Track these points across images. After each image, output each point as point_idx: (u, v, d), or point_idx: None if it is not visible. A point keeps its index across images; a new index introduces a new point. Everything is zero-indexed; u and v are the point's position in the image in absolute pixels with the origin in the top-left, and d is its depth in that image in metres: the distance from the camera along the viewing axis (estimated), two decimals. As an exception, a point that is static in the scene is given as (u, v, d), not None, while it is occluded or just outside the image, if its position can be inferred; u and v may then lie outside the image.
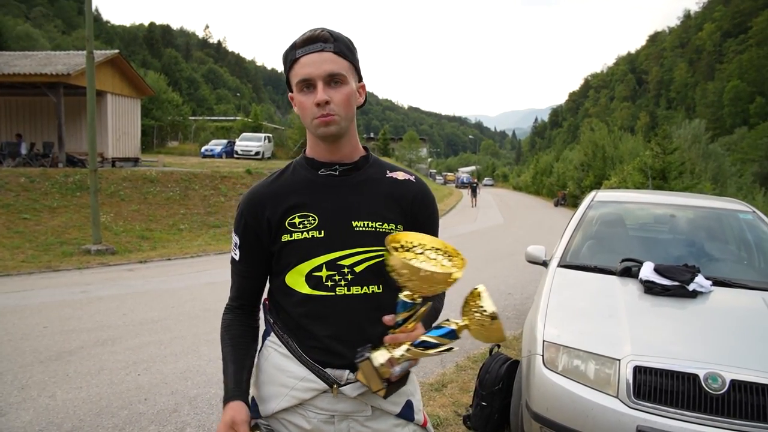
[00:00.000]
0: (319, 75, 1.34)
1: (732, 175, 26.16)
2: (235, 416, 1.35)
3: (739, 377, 2.41)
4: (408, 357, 1.28)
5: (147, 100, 30.23)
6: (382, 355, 1.28)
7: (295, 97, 1.40)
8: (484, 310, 1.24)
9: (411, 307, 1.29)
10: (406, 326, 1.30)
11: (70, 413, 3.74)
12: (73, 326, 5.77)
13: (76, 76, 16.93)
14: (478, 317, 1.24)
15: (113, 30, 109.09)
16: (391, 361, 1.27)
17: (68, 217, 13.00)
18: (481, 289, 1.27)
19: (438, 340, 1.27)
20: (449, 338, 1.28)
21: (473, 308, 1.26)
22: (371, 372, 1.27)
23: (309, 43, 1.35)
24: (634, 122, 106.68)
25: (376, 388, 1.28)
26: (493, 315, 1.23)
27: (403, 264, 1.23)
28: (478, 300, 1.25)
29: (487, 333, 1.26)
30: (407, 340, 1.28)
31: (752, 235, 4.09)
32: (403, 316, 1.30)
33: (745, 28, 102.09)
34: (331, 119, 1.36)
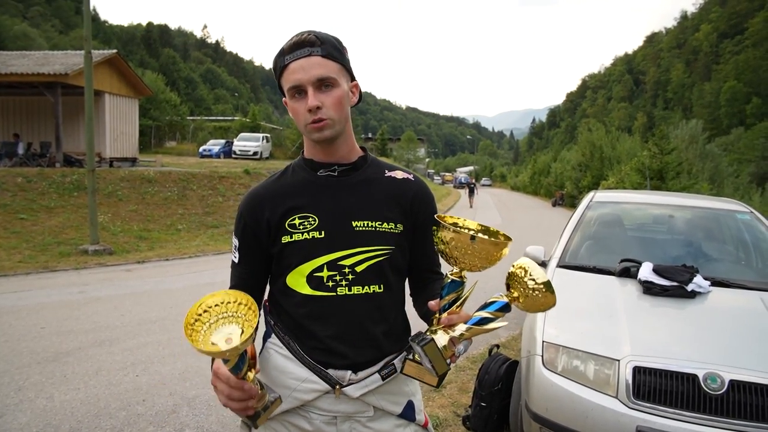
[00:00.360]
0: (309, 80, 1.34)
1: (729, 176, 26.20)
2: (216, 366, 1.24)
3: (738, 377, 2.42)
4: (467, 336, 1.27)
5: (145, 100, 30.19)
6: (443, 337, 1.26)
7: (288, 104, 1.41)
8: (536, 279, 1.24)
9: (459, 286, 1.30)
10: (454, 309, 1.30)
11: (68, 414, 3.73)
12: (70, 327, 5.75)
13: (74, 75, 16.89)
14: (533, 285, 1.24)
15: (111, 30, 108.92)
16: (453, 341, 1.26)
17: (65, 217, 12.96)
18: (527, 261, 1.28)
19: (494, 314, 1.28)
20: (503, 311, 1.29)
21: (524, 279, 1.26)
22: (437, 353, 1.24)
23: (296, 48, 1.35)
24: (632, 123, 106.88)
25: (442, 369, 1.26)
26: (546, 283, 1.23)
27: (456, 235, 1.23)
28: (528, 271, 1.26)
29: (539, 302, 1.26)
30: (460, 321, 1.27)
31: (750, 235, 4.10)
32: (451, 297, 1.30)
33: (741, 29, 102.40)
34: (324, 124, 1.36)
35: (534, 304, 1.27)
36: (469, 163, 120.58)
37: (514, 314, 5.17)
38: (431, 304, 1.30)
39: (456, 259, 1.27)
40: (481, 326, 1.27)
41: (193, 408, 3.88)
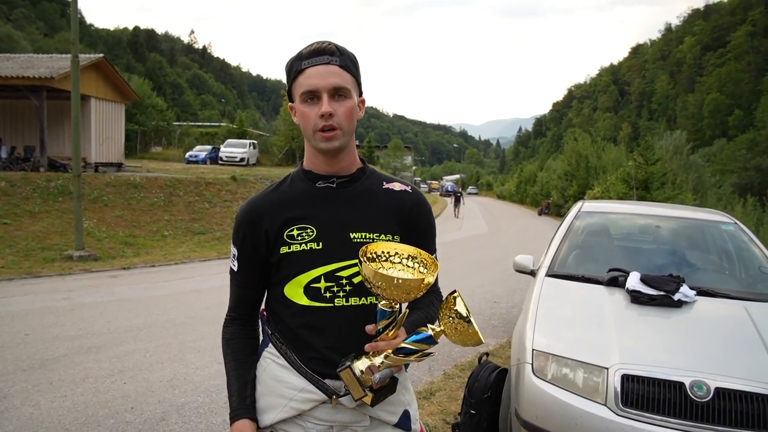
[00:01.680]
0: (325, 87, 1.36)
1: (712, 186, 26.58)
2: None
3: (724, 385, 2.46)
4: (388, 364, 1.30)
5: (131, 104, 29.93)
6: (363, 363, 1.30)
7: (297, 108, 1.41)
8: (458, 314, 1.27)
9: (390, 315, 1.32)
10: (387, 334, 1.32)
11: (54, 422, 3.69)
12: (56, 333, 5.69)
13: (60, 79, 16.75)
14: (453, 321, 1.27)
15: (97, 33, 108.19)
16: (372, 369, 1.29)
17: (50, 223, 12.81)
18: (456, 294, 1.30)
19: (416, 345, 1.30)
20: (427, 343, 1.30)
21: (448, 313, 1.29)
22: (352, 380, 1.29)
23: (316, 54, 1.37)
24: (617, 132, 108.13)
25: (357, 395, 1.30)
26: (467, 318, 1.26)
27: (375, 273, 1.25)
28: (453, 304, 1.28)
29: (463, 336, 1.29)
30: (387, 348, 1.30)
31: (734, 245, 4.19)
32: (383, 324, 1.32)
33: (723, 42, 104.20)
34: (335, 134, 1.38)
35: (459, 338, 1.30)
36: (455, 171, 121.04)
37: (501, 322, 5.23)
38: (368, 329, 1.34)
39: (381, 294, 1.29)
40: (403, 356, 1.30)
41: (182, 415, 3.86)
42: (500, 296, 8.51)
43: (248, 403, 1.44)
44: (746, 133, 66.00)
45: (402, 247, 1.38)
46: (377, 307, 1.33)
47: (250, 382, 1.47)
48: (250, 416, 1.42)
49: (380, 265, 1.33)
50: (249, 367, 1.49)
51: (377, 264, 1.32)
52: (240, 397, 1.44)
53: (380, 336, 1.33)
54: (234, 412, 1.42)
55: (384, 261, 1.34)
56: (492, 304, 7.92)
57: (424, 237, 1.53)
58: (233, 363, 1.49)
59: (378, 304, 1.32)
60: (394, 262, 1.35)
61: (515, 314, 6.55)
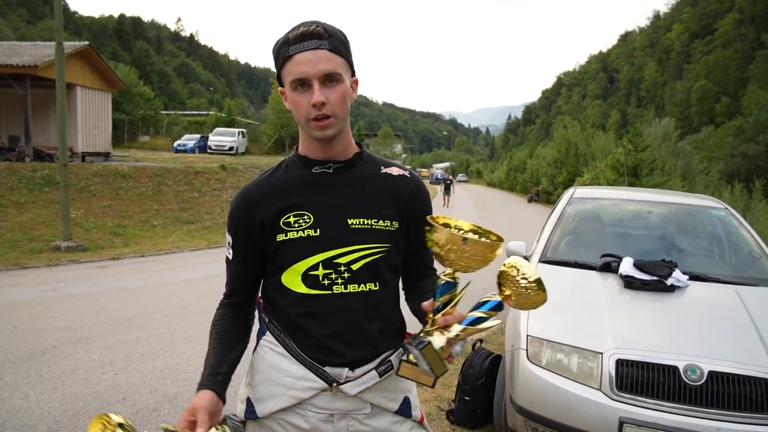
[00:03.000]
0: (315, 74, 1.30)
1: (700, 173, 26.78)
2: (197, 402, 1.27)
3: (717, 368, 2.49)
4: (462, 336, 1.28)
5: (118, 93, 29.58)
6: (441, 339, 1.26)
7: (288, 95, 1.37)
8: (528, 278, 1.26)
9: (452, 288, 1.30)
10: (448, 309, 1.30)
11: (45, 415, 3.65)
12: (44, 325, 5.63)
13: (44, 67, 16.48)
14: (524, 284, 1.26)
15: (81, 21, 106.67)
16: (450, 342, 1.27)
17: (36, 213, 12.66)
18: (518, 259, 1.29)
19: (488, 313, 1.29)
20: (496, 310, 1.30)
21: (515, 277, 1.27)
22: (435, 356, 1.25)
23: (303, 39, 1.31)
24: (606, 120, 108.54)
25: (440, 371, 1.26)
26: (538, 281, 1.25)
27: (449, 236, 1.23)
28: (519, 269, 1.27)
29: (532, 300, 1.27)
30: (455, 321, 1.27)
31: (724, 230, 4.21)
32: (444, 299, 1.30)
33: (711, 29, 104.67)
34: (329, 123, 1.33)
35: (526, 301, 1.29)
36: (445, 159, 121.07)
37: (496, 309, 5.11)
38: (425, 305, 1.29)
39: (449, 261, 1.27)
40: (475, 326, 1.28)
41: (174, 406, 3.83)
42: (491, 283, 8.49)
43: (220, 379, 1.35)
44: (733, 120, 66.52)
45: (462, 222, 1.35)
46: (438, 282, 1.30)
47: (228, 361, 1.40)
48: (216, 390, 1.32)
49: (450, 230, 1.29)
50: (230, 347, 1.43)
51: None
52: (212, 371, 1.36)
53: (443, 311, 1.30)
54: (201, 382, 1.34)
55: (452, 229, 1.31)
56: (482, 291, 7.90)
57: (422, 224, 1.51)
58: (215, 341, 1.43)
59: (441, 277, 1.30)
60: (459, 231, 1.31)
61: (507, 301, 6.56)
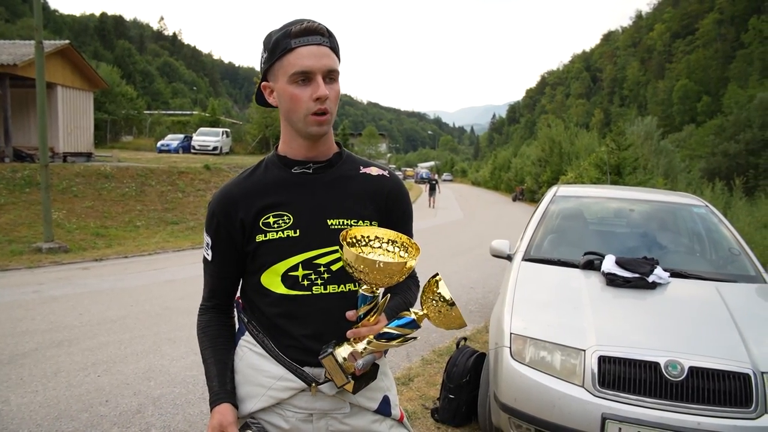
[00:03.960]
0: (320, 69, 1.32)
1: (682, 171, 27.03)
2: (223, 419, 1.34)
3: (697, 364, 2.52)
4: (371, 350, 1.29)
5: (100, 93, 29.21)
6: (345, 350, 1.29)
7: (283, 89, 1.35)
8: (442, 297, 1.27)
9: (371, 300, 1.30)
10: (368, 320, 1.31)
11: (26, 418, 3.60)
12: (25, 327, 5.55)
13: (24, 66, 16.23)
14: (436, 305, 1.27)
15: (62, 19, 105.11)
16: (354, 355, 1.28)
17: (17, 215, 12.46)
18: (438, 278, 1.30)
19: (399, 330, 1.29)
20: (410, 328, 1.30)
21: (431, 296, 1.28)
22: (335, 367, 1.27)
23: (307, 33, 1.32)
24: (589, 119, 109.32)
25: (340, 382, 1.29)
26: (450, 302, 1.26)
27: (357, 257, 1.23)
28: (436, 288, 1.28)
29: (447, 320, 1.29)
30: (369, 334, 1.29)
31: (705, 228, 4.27)
32: (365, 309, 1.31)
33: (692, 29, 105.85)
34: (326, 119, 1.35)
35: (443, 321, 1.30)
36: (430, 158, 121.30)
37: (477, 307, 5.24)
38: (348, 315, 1.32)
39: (363, 279, 1.27)
40: (386, 341, 1.29)
41: (158, 407, 3.80)
42: (476, 281, 8.57)
43: (229, 388, 1.41)
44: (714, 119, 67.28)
45: (382, 231, 1.36)
46: (358, 292, 1.31)
47: (229, 368, 1.44)
48: (231, 401, 1.38)
49: (360, 249, 1.31)
50: (227, 353, 1.46)
51: (358, 249, 1.31)
52: (221, 381, 1.40)
53: (362, 322, 1.31)
54: (215, 396, 1.39)
55: (364, 245, 1.33)
56: (468, 289, 7.97)
57: (402, 222, 1.52)
58: (211, 350, 1.45)
59: (359, 290, 1.31)
60: (374, 246, 1.34)
61: (491, 299, 6.60)
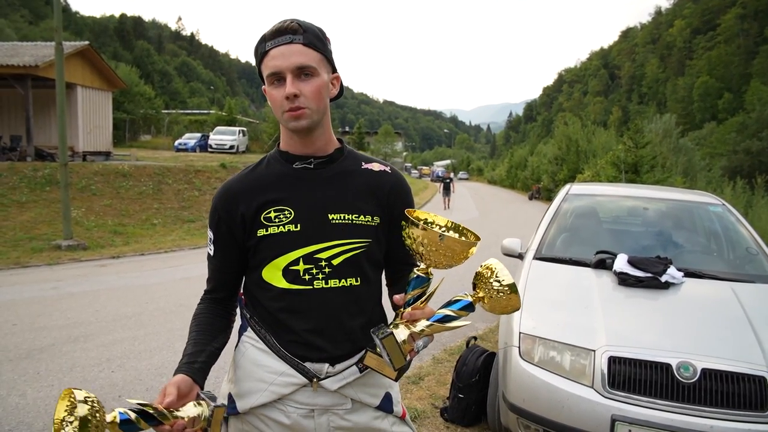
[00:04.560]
0: (288, 67, 1.32)
1: (702, 169, 26.62)
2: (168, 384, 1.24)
3: (710, 366, 2.47)
4: (428, 332, 1.28)
5: (119, 93, 29.60)
6: (404, 332, 1.27)
7: (267, 91, 1.39)
8: (502, 281, 1.27)
9: (424, 283, 1.31)
10: (418, 304, 1.31)
11: (41, 412, 3.66)
12: (43, 323, 5.64)
13: (45, 67, 16.51)
14: (497, 287, 1.27)
15: (83, 21, 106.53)
16: (413, 336, 1.27)
17: (37, 212, 12.68)
18: (495, 262, 1.30)
19: (457, 312, 1.29)
20: (466, 311, 1.30)
21: (490, 280, 1.28)
22: (395, 347, 1.24)
23: (278, 35, 1.34)
24: (607, 117, 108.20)
25: (399, 364, 1.26)
26: (511, 285, 1.26)
27: (426, 232, 1.23)
28: (494, 272, 1.28)
29: (503, 303, 1.28)
30: (423, 317, 1.29)
31: (721, 227, 4.19)
32: (416, 293, 1.31)
33: (713, 25, 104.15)
34: (302, 113, 1.34)
35: (499, 305, 1.29)
36: (446, 156, 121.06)
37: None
38: (396, 298, 1.32)
39: (423, 256, 1.28)
40: (442, 324, 1.28)
41: (170, 404, 3.83)
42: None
43: (196, 367, 1.33)
44: (736, 116, 66.21)
45: (442, 219, 1.36)
46: (411, 275, 1.31)
47: (206, 352, 1.39)
48: (190, 374, 1.29)
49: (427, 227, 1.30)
50: (210, 339, 1.42)
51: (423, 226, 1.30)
52: (189, 360, 1.34)
53: (412, 305, 1.31)
54: (177, 369, 1.31)
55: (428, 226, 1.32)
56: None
57: (403, 218, 1.51)
58: (194, 333, 1.42)
59: (414, 271, 1.31)
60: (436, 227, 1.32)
61: (505, 298, 6.55)
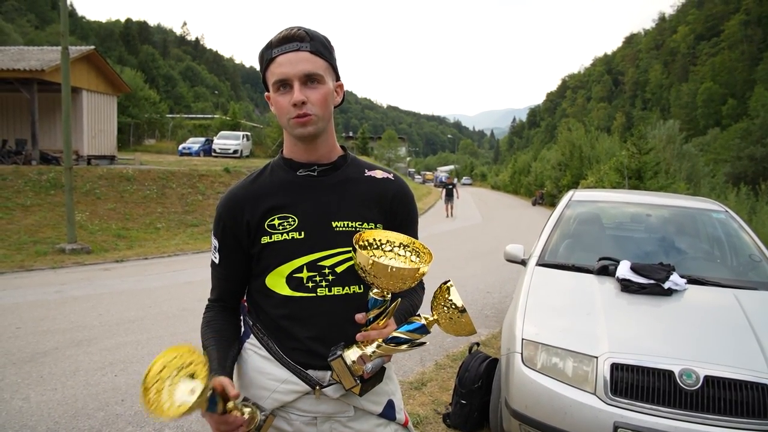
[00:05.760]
0: (296, 75, 1.33)
1: (705, 175, 26.60)
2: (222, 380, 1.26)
3: (713, 373, 2.47)
4: (380, 353, 1.29)
5: (123, 97, 29.75)
6: (354, 353, 1.28)
7: (271, 97, 1.39)
8: (453, 304, 1.26)
9: (381, 304, 1.31)
10: (378, 323, 1.31)
11: (44, 415, 3.67)
12: (47, 327, 5.66)
13: (51, 72, 16.60)
14: (447, 311, 1.27)
15: (88, 26, 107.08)
16: (363, 358, 1.28)
17: (42, 216, 12.74)
18: (450, 284, 1.29)
19: (408, 335, 1.29)
20: (419, 333, 1.30)
21: (442, 302, 1.28)
22: (344, 369, 1.27)
23: (285, 42, 1.34)
24: (611, 122, 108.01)
25: (348, 385, 1.29)
26: (461, 308, 1.25)
27: (370, 262, 1.24)
28: (447, 294, 1.28)
29: (456, 326, 1.28)
30: (379, 337, 1.30)
31: (724, 233, 4.19)
32: (374, 313, 1.31)
33: (717, 31, 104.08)
34: (308, 119, 1.35)
35: (452, 328, 1.29)
36: (449, 162, 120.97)
37: (494, 312, 5.19)
38: (358, 317, 1.32)
39: (374, 283, 1.27)
40: (394, 345, 1.29)
41: (172, 408, 3.84)
42: (493, 286, 8.52)
43: (228, 371, 1.37)
44: (740, 122, 66.10)
45: (395, 235, 1.37)
46: (369, 295, 1.31)
47: (230, 357, 1.42)
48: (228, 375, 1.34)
49: (372, 252, 1.31)
50: (229, 345, 1.45)
51: (370, 252, 1.31)
52: (220, 364, 1.36)
53: (371, 325, 1.31)
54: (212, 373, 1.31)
55: (376, 249, 1.33)
56: (485, 294, 7.92)
57: (407, 224, 1.52)
58: (213, 339, 1.43)
59: (370, 293, 1.31)
60: (386, 250, 1.34)
61: (508, 304, 6.54)
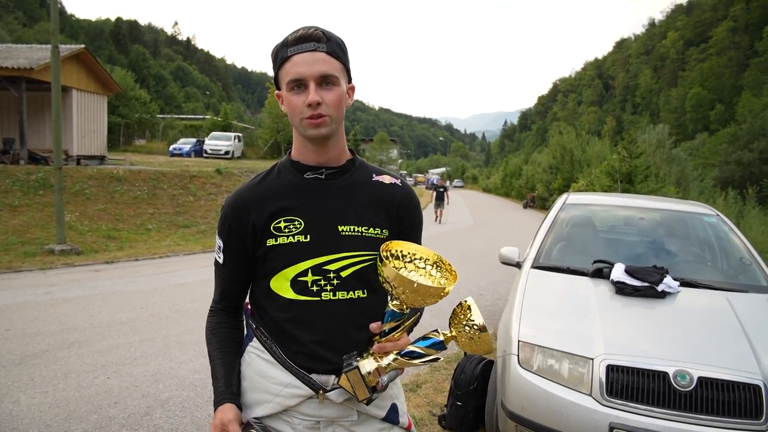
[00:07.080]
0: (312, 75, 1.32)
1: (694, 179, 26.80)
2: (223, 417, 1.34)
3: (706, 374, 2.50)
4: (395, 366, 1.29)
5: (114, 96, 29.57)
6: (370, 364, 1.28)
7: (284, 96, 1.38)
8: (473, 323, 1.26)
9: (399, 317, 1.30)
10: (393, 336, 1.31)
11: (35, 419, 3.64)
12: (36, 329, 5.60)
13: (40, 70, 16.46)
14: (468, 330, 1.26)
15: (78, 24, 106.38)
16: (379, 371, 1.28)
17: (30, 216, 12.61)
18: (471, 302, 1.29)
19: (425, 350, 1.29)
20: (436, 349, 1.30)
21: (464, 321, 1.27)
22: (358, 380, 1.27)
23: (302, 41, 1.33)
24: (601, 126, 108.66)
25: (362, 396, 1.28)
26: (482, 327, 1.25)
27: (397, 276, 1.23)
28: (468, 312, 1.27)
29: (475, 345, 1.28)
30: (394, 350, 1.29)
31: (716, 237, 4.24)
32: (391, 325, 1.31)
33: (706, 37, 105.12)
34: (322, 121, 1.34)
35: (470, 346, 1.29)
36: (441, 164, 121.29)
37: (486, 314, 5.21)
38: (372, 327, 1.31)
39: (398, 297, 1.27)
40: (409, 359, 1.29)
41: (166, 410, 3.82)
42: (485, 289, 8.55)
43: (234, 390, 1.41)
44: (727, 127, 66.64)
45: (424, 250, 1.36)
46: (387, 307, 1.31)
47: (236, 371, 1.44)
48: (235, 401, 1.38)
49: (403, 265, 1.31)
50: (235, 356, 1.47)
51: (398, 263, 1.31)
52: (226, 383, 1.41)
53: (386, 337, 1.31)
54: (219, 396, 1.38)
55: (399, 260, 1.33)
56: (477, 296, 7.94)
57: (412, 230, 1.52)
58: (219, 351, 1.45)
59: (389, 305, 1.30)
60: (415, 264, 1.33)
61: (500, 306, 6.58)
